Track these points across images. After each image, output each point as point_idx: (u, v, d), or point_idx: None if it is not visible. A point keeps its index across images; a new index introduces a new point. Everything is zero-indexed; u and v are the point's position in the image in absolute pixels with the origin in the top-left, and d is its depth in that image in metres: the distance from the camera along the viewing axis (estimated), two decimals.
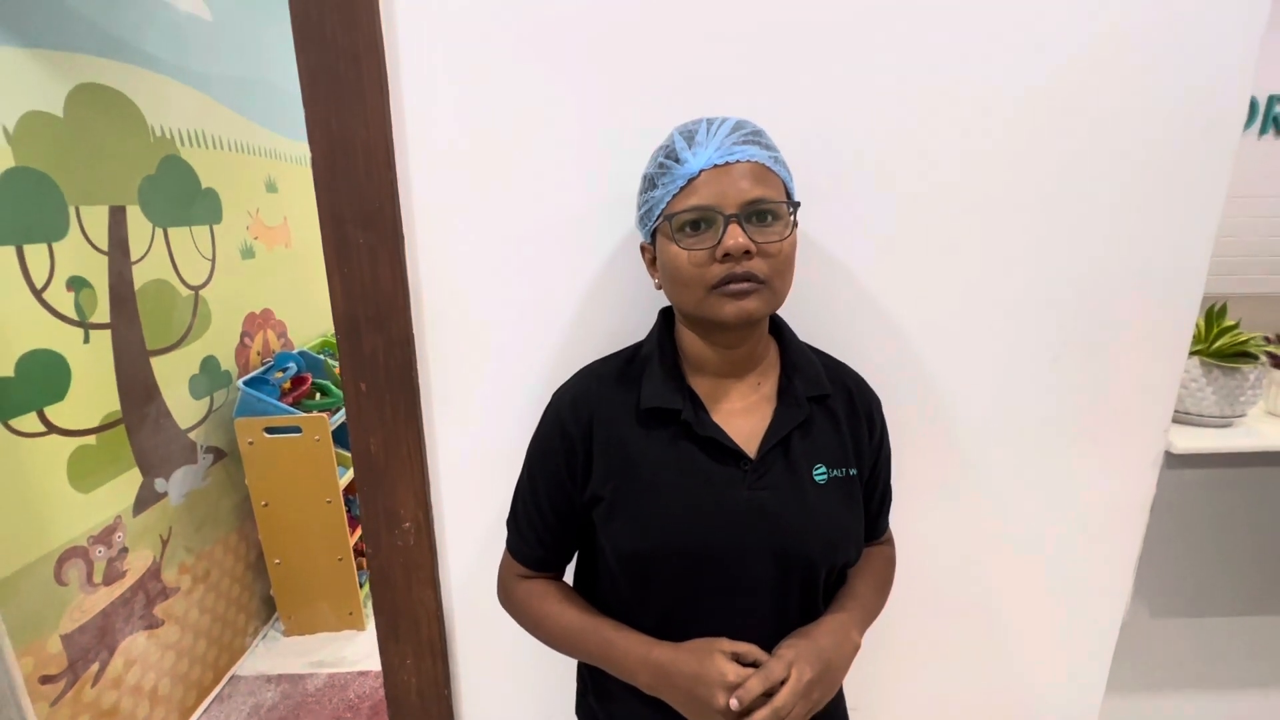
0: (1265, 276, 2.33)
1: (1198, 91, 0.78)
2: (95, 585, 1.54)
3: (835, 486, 0.68)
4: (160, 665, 1.74)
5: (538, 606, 0.72)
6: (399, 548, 0.91)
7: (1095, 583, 0.98)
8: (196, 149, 1.87)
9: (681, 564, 0.65)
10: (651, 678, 0.64)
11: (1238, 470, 1.11)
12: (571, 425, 0.68)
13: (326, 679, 1.99)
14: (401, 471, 0.89)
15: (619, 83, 0.77)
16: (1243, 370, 1.08)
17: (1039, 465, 0.92)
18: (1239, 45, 0.77)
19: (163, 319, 1.75)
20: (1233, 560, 1.17)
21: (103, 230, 1.55)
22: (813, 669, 0.61)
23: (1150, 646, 1.28)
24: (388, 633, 0.95)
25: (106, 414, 1.57)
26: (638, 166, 0.69)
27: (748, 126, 0.63)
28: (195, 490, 1.89)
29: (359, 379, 0.85)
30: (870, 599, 0.74)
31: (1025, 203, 0.81)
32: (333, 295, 0.83)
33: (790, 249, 0.63)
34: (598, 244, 0.82)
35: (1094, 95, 0.78)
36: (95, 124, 1.53)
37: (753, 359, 0.69)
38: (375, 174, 0.79)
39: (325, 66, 0.76)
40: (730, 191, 0.60)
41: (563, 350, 0.85)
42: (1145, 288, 0.85)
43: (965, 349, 0.87)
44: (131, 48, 1.63)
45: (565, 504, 0.70)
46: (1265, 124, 2.24)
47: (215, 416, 1.97)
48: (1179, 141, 0.80)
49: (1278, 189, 2.28)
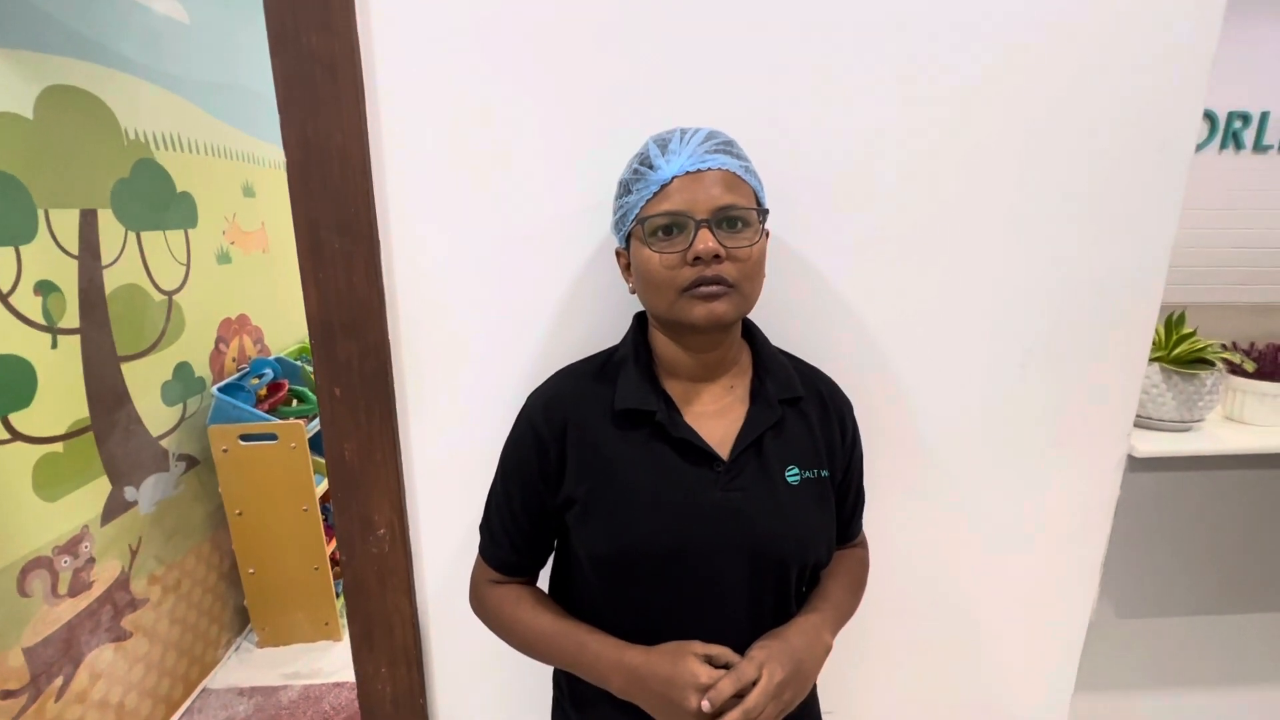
0: (1223, 286, 2.41)
1: (1155, 109, 0.81)
2: (60, 597, 1.50)
3: (808, 488, 0.69)
4: (128, 679, 1.70)
5: (510, 612, 0.72)
6: (374, 555, 0.91)
7: (1063, 583, 1.00)
8: (171, 152, 1.84)
9: (655, 566, 0.66)
10: (624, 682, 0.64)
11: (1197, 473, 1.15)
12: (544, 427, 0.69)
13: (301, 691, 1.96)
14: (376, 477, 0.88)
15: (596, 89, 0.78)
16: (1201, 376, 1.11)
17: (1007, 468, 0.94)
18: (1192, 65, 0.80)
19: (134, 324, 1.72)
20: (1193, 560, 1.20)
21: (73, 234, 1.52)
22: (784, 669, 0.61)
23: (1117, 645, 1.31)
24: (362, 641, 0.94)
25: (74, 421, 1.53)
26: (615, 173, 0.70)
27: (719, 137, 0.65)
28: (166, 499, 1.85)
29: (334, 384, 0.85)
30: (843, 600, 0.75)
31: (993, 212, 0.84)
32: (307, 301, 0.82)
33: (759, 254, 0.64)
34: (574, 250, 0.83)
35: (1058, 109, 0.80)
36: (66, 126, 1.50)
37: (725, 362, 0.70)
38: (351, 180, 0.79)
39: (300, 73, 0.76)
40: (702, 197, 0.61)
41: (539, 355, 0.85)
42: (1107, 296, 0.88)
43: (935, 355, 0.89)
44: (105, 49, 1.61)
45: (538, 507, 0.70)
46: (1225, 139, 2.32)
47: (188, 424, 1.93)
48: (1137, 156, 0.83)
49: (1237, 202, 2.37)
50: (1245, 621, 1.31)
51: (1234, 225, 2.38)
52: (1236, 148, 2.33)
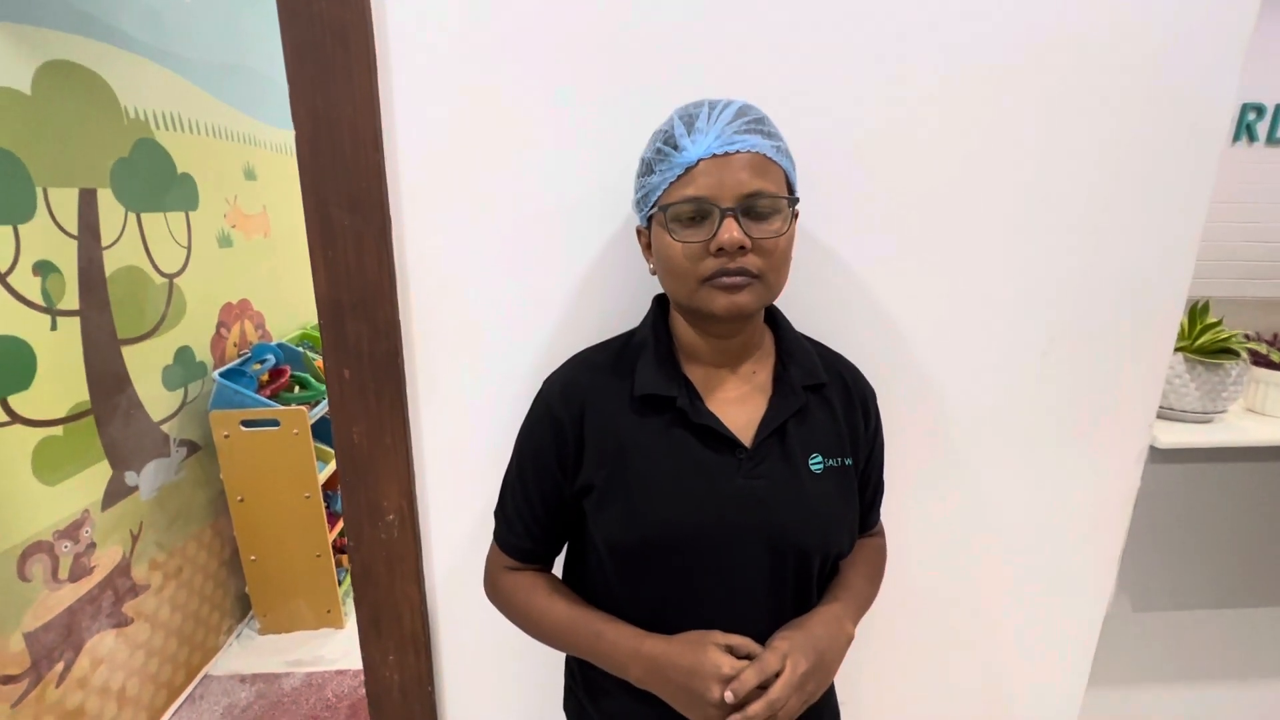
0: (1234, 280, 2.39)
1: (1185, 97, 0.79)
2: (61, 581, 1.48)
3: (831, 476, 0.67)
4: (129, 665, 1.69)
5: (525, 599, 0.70)
6: (382, 540, 0.89)
7: (1080, 576, 0.99)
8: (172, 132, 1.81)
9: (675, 554, 0.64)
10: (643, 671, 0.62)
11: (1219, 465, 1.13)
12: (562, 413, 0.67)
13: (303, 678, 1.95)
14: (386, 462, 0.86)
15: (618, 69, 0.76)
16: (1225, 366, 1.09)
17: (1027, 460, 0.92)
18: (1225, 52, 0.78)
19: (135, 307, 1.69)
20: (1213, 553, 1.19)
21: (72, 213, 1.50)
22: (808, 660, 0.60)
23: (1133, 639, 1.30)
24: (369, 628, 0.93)
25: (74, 404, 1.51)
26: (635, 151, 0.67)
27: (751, 113, 0.61)
28: (168, 484, 1.83)
29: (342, 366, 0.83)
30: (863, 589, 0.73)
31: (1017, 202, 0.82)
32: (316, 279, 0.80)
33: (787, 244, 0.62)
34: (591, 232, 0.81)
35: (1087, 99, 0.78)
36: (65, 103, 1.47)
37: (748, 348, 0.69)
38: (362, 156, 0.77)
39: (311, 42, 0.74)
40: (729, 183, 0.58)
41: (554, 339, 0.83)
42: (1132, 286, 0.86)
43: (957, 344, 0.87)
44: (105, 25, 1.58)
45: (555, 494, 0.69)
46: (1238, 131, 2.30)
47: (189, 409, 1.91)
48: (1166, 146, 0.81)
49: (1251, 195, 2.34)
50: (1264, 615, 1.31)
51: (1246, 218, 2.36)
52: (1250, 140, 2.30)
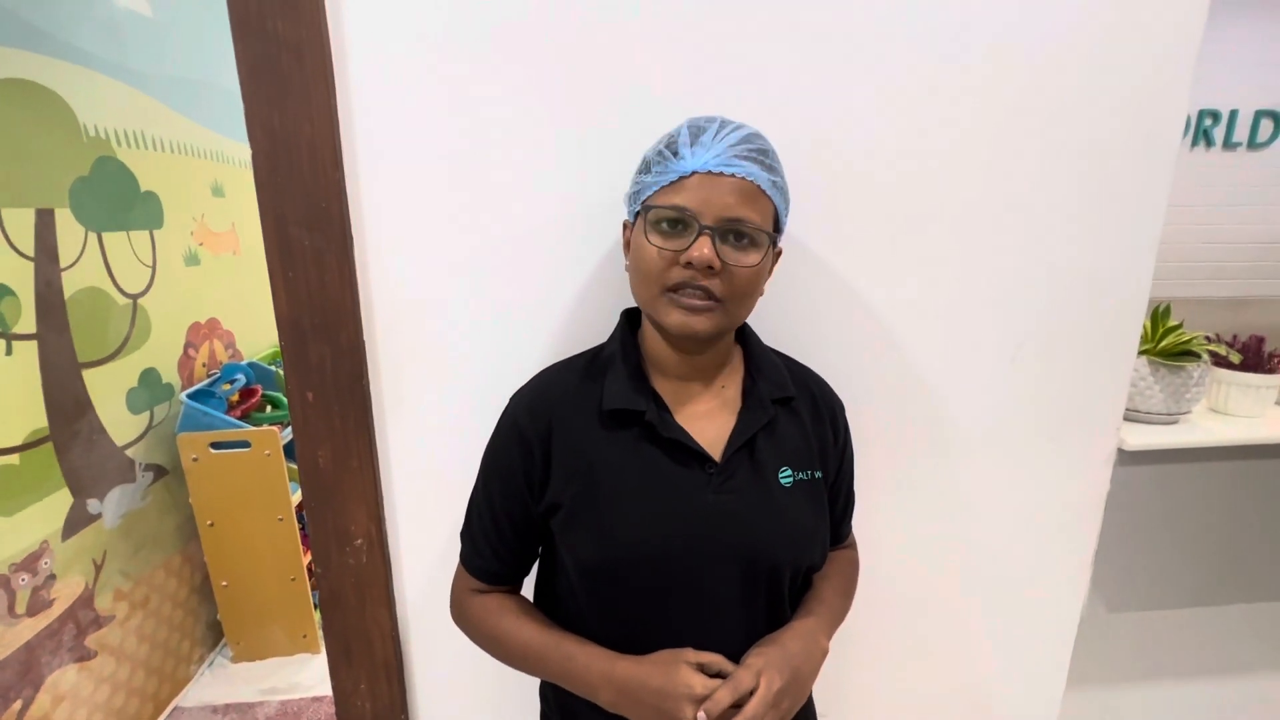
0: (1195, 281, 2.46)
1: (1140, 104, 0.81)
2: (18, 616, 1.42)
3: (801, 489, 0.67)
4: (93, 700, 1.62)
5: (494, 623, 0.69)
6: (350, 566, 0.87)
7: (1054, 578, 1.00)
8: (135, 150, 1.77)
9: (645, 572, 0.63)
10: (615, 694, 0.61)
11: (1185, 465, 1.15)
12: (529, 429, 0.65)
13: (279, 706, 1.89)
14: (352, 485, 0.84)
15: (582, 81, 0.75)
16: (1188, 368, 1.12)
17: (997, 464, 0.93)
18: (1177, 61, 0.80)
19: (97, 329, 1.65)
20: (1182, 553, 1.21)
21: (28, 234, 1.45)
22: (782, 677, 0.59)
23: (1108, 640, 1.32)
24: (339, 656, 0.90)
25: (32, 431, 1.46)
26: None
27: (757, 142, 0.61)
28: (133, 511, 1.77)
29: (305, 389, 0.81)
30: (836, 603, 0.73)
31: (982, 208, 0.83)
32: (276, 301, 0.78)
33: (756, 276, 0.61)
34: (558, 248, 0.80)
35: (1046, 107, 0.80)
36: (19, 121, 1.43)
37: (716, 362, 0.68)
38: (321, 173, 0.75)
39: (265, 58, 0.72)
40: (715, 202, 0.58)
41: (521, 357, 0.82)
42: (1095, 289, 0.87)
43: (926, 350, 0.87)
44: (61, 42, 1.54)
45: (522, 513, 0.67)
46: (1196, 136, 2.37)
47: (155, 432, 1.86)
48: (1124, 151, 0.82)
49: (1207, 199, 2.41)
50: (1235, 612, 1.33)
51: (1204, 221, 2.43)
52: (1207, 145, 2.37)
